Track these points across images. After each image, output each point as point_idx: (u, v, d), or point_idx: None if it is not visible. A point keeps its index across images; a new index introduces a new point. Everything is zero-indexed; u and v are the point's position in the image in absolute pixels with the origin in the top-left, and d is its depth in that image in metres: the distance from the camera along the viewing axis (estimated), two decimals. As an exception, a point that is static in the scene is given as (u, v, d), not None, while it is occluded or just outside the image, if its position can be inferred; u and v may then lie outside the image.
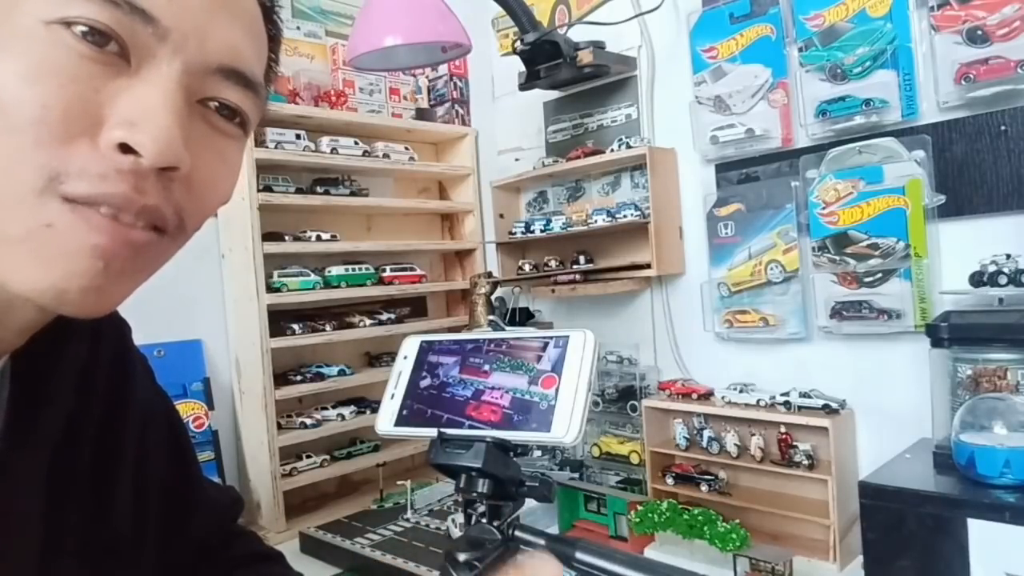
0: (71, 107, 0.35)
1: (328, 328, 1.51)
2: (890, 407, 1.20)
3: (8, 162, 0.35)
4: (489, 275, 1.63)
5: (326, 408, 1.52)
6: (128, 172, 0.36)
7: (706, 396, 1.34)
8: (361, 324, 1.57)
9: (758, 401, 1.25)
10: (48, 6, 0.35)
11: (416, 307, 1.79)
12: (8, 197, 0.35)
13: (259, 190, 1.38)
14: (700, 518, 1.15)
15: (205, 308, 1.47)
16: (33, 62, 0.35)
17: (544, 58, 1.43)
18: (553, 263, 1.57)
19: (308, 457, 1.47)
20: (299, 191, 1.48)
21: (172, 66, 0.38)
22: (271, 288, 1.41)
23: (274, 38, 0.48)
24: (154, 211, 0.38)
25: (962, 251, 1.10)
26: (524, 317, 1.66)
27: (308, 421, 1.46)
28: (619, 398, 1.52)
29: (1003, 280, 1.01)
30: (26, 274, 0.36)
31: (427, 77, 1.81)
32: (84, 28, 0.35)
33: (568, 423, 0.47)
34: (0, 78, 0.34)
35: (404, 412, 0.54)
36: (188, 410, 1.40)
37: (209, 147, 0.41)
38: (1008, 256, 1.02)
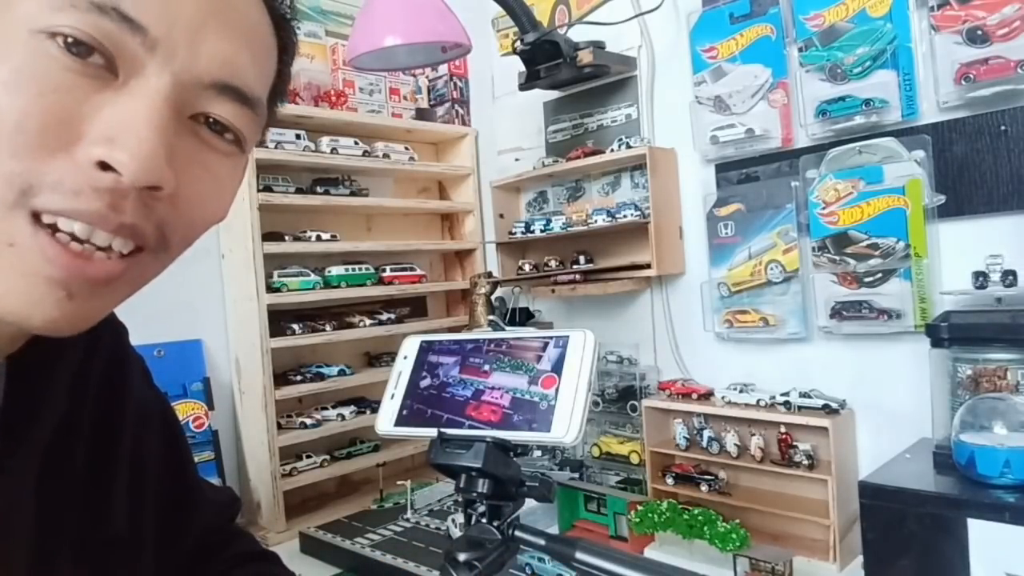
0: (50, 118, 0.34)
1: (328, 328, 1.51)
2: (890, 407, 1.20)
3: None
4: (489, 275, 1.63)
5: (326, 408, 1.52)
6: (105, 190, 0.35)
7: (706, 396, 1.34)
8: (361, 324, 1.57)
9: (758, 401, 1.25)
10: (36, 14, 0.34)
11: (416, 307, 1.79)
12: None
13: (259, 190, 1.39)
14: (700, 518, 1.15)
15: (205, 308, 1.47)
16: (14, 70, 0.34)
17: (544, 58, 1.43)
18: (553, 263, 1.57)
19: (308, 457, 1.47)
20: (299, 191, 1.48)
21: (161, 79, 0.36)
22: (271, 288, 1.41)
23: (286, 48, 0.46)
24: (131, 228, 0.37)
25: (962, 251, 1.10)
26: (524, 317, 1.66)
27: (308, 421, 1.46)
28: (619, 398, 1.52)
29: (981, 280, 1.02)
30: None
31: (427, 77, 1.81)
32: (68, 39, 0.34)
33: (568, 423, 0.47)
34: None
35: (404, 412, 0.54)
36: (188, 410, 1.40)
37: (198, 164, 0.40)
38: (993, 257, 1.03)
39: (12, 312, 0.35)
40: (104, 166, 0.35)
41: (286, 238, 1.44)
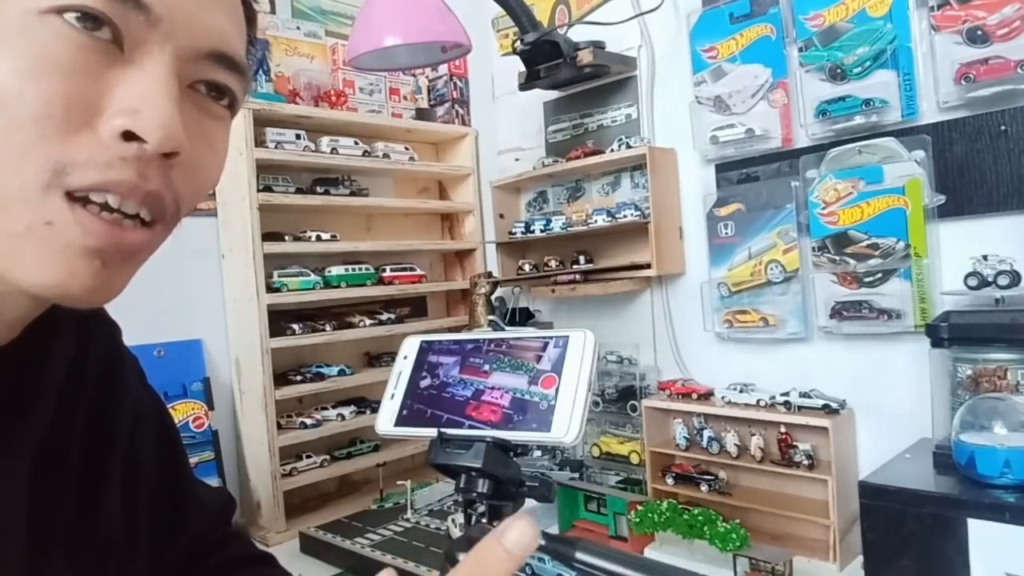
0: (73, 99, 0.35)
1: (328, 328, 1.51)
2: (890, 407, 1.20)
3: (12, 159, 0.35)
4: (489, 275, 1.63)
5: (326, 408, 1.52)
6: (132, 159, 0.37)
7: (706, 396, 1.34)
8: (361, 324, 1.57)
9: (758, 401, 1.25)
10: None
11: (416, 307, 1.79)
12: (13, 193, 0.35)
13: (259, 190, 1.38)
14: (700, 518, 1.15)
15: (205, 308, 1.47)
16: (32, 55, 0.34)
17: (544, 58, 1.43)
18: (553, 263, 1.57)
19: (308, 457, 1.47)
20: (299, 191, 1.48)
21: (165, 52, 0.38)
22: (271, 288, 1.41)
23: (251, 20, 0.48)
24: (156, 197, 0.39)
25: (962, 251, 1.10)
26: (524, 317, 1.66)
27: (308, 421, 1.46)
28: (619, 398, 1.52)
29: (974, 282, 1.02)
30: (29, 270, 0.37)
31: (427, 77, 1.81)
32: (77, 13, 0.35)
33: (568, 423, 0.47)
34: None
35: (404, 412, 0.54)
36: (188, 410, 1.40)
37: (200, 132, 0.42)
38: (985, 257, 1.03)
39: (51, 285, 0.37)
40: (128, 136, 0.36)
41: (286, 238, 1.44)
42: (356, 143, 1.55)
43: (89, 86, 0.36)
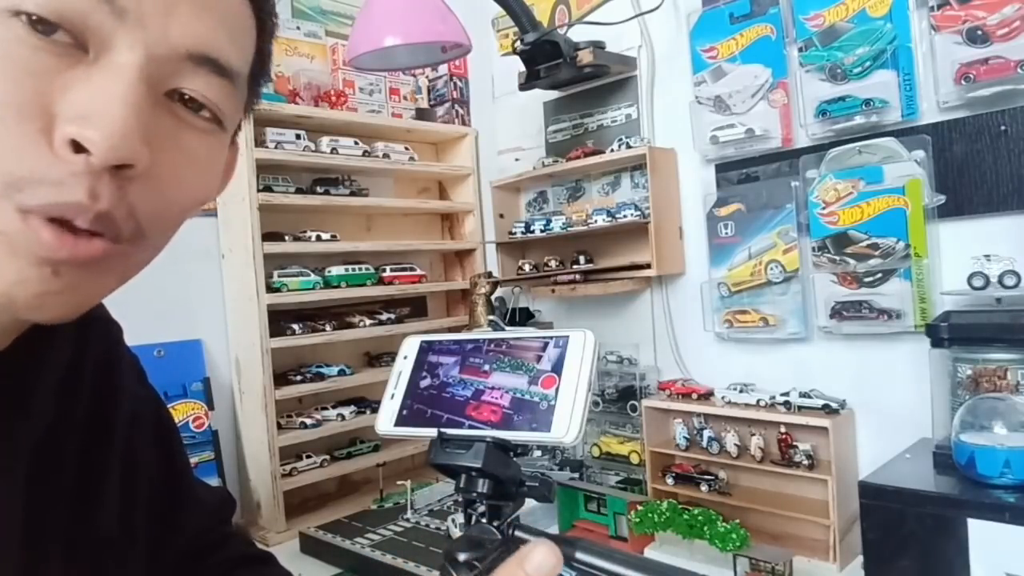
0: (26, 104, 0.33)
1: (328, 328, 1.51)
2: (890, 407, 1.20)
3: None
4: (489, 275, 1.63)
5: (326, 408, 1.52)
6: (82, 174, 0.34)
7: (706, 396, 1.34)
8: (361, 324, 1.57)
9: (758, 401, 1.25)
10: None
11: (416, 307, 1.79)
12: None
13: (259, 190, 1.38)
14: (700, 518, 1.15)
15: (205, 308, 1.47)
16: None
17: (544, 58, 1.43)
18: (553, 263, 1.57)
19: (308, 457, 1.47)
20: (299, 191, 1.48)
21: (134, 53, 0.35)
22: (271, 288, 1.41)
23: (265, 28, 0.44)
24: (107, 218, 0.36)
25: (962, 251, 1.10)
26: (524, 317, 1.66)
27: (308, 421, 1.46)
28: (619, 398, 1.52)
29: (980, 282, 1.02)
30: None
31: (427, 77, 1.81)
32: (32, 16, 0.33)
33: (568, 423, 0.47)
34: None
35: (404, 412, 0.54)
36: (188, 410, 1.40)
37: (175, 143, 0.38)
38: (988, 257, 1.03)
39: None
40: (76, 146, 0.34)
41: (286, 238, 1.44)
42: (356, 143, 1.55)
43: (44, 90, 0.33)
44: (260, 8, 0.44)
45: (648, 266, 1.41)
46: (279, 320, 1.44)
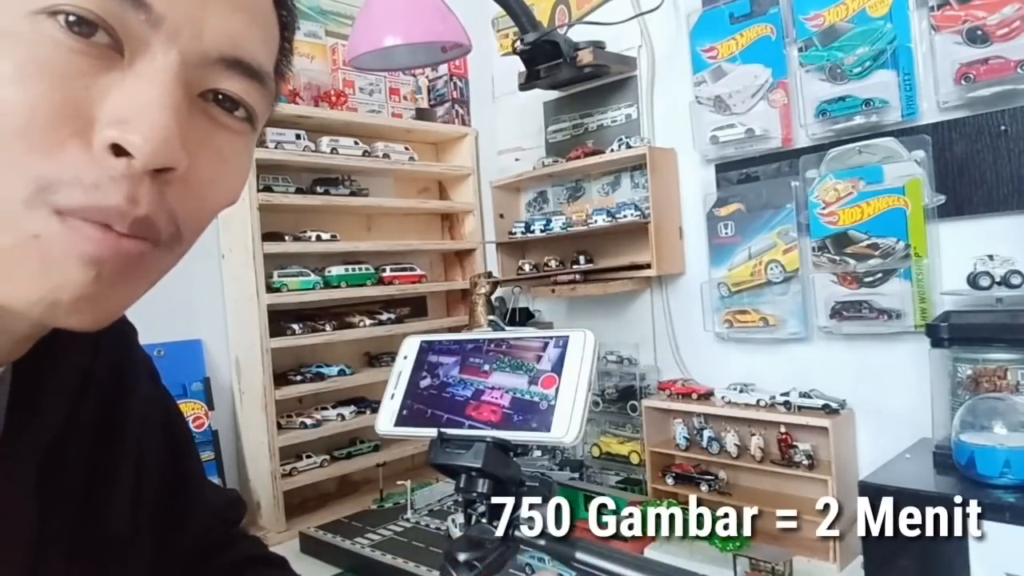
0: (61, 108, 0.33)
1: (328, 328, 1.51)
2: (890, 407, 1.20)
3: None
4: (489, 275, 1.63)
5: (326, 408, 1.52)
6: (122, 178, 0.34)
7: (706, 396, 1.34)
8: (361, 324, 1.57)
9: (758, 401, 1.25)
10: None
11: (416, 307, 1.79)
12: None
13: (259, 190, 1.38)
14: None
15: (205, 308, 1.47)
16: (18, 60, 0.32)
17: (544, 58, 1.43)
18: (553, 263, 1.57)
19: (308, 457, 1.47)
20: (299, 191, 1.48)
21: (168, 57, 0.35)
22: (271, 288, 1.41)
23: (287, 25, 0.44)
24: (147, 223, 0.35)
25: (962, 251, 1.10)
26: (524, 317, 1.66)
27: (308, 421, 1.46)
28: (619, 398, 1.52)
29: (986, 282, 1.02)
30: (15, 286, 0.34)
31: (427, 77, 1.81)
32: (69, 16, 0.32)
33: (568, 423, 0.47)
34: None
35: (404, 412, 0.54)
36: (188, 410, 1.40)
37: (210, 145, 0.39)
38: (991, 257, 1.03)
39: (36, 301, 0.34)
40: (117, 150, 0.33)
41: (286, 238, 1.44)
42: (356, 143, 1.55)
43: (81, 94, 0.33)
44: (282, 6, 0.44)
45: (648, 266, 1.41)
46: (279, 320, 1.44)
